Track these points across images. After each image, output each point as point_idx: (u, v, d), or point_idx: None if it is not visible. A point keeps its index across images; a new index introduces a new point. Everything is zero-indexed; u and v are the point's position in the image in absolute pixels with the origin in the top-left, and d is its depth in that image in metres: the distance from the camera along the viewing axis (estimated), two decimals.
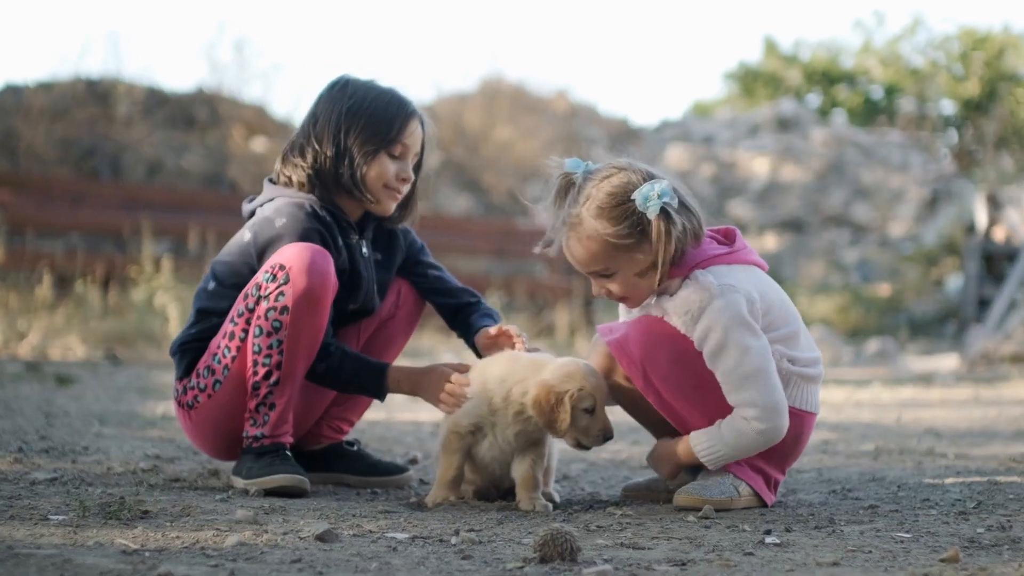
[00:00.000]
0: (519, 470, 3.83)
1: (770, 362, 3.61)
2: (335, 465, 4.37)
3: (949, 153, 26.84)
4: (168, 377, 8.80)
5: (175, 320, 10.58)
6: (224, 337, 4.00)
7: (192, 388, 4.07)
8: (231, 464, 4.36)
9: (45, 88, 16.97)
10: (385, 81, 4.14)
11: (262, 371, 3.91)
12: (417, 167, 4.23)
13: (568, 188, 3.73)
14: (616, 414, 3.92)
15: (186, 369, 4.11)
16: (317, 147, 4.06)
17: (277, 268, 3.90)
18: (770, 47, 32.50)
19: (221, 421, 4.05)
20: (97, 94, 17.21)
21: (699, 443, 3.70)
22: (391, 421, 6.30)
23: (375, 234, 4.28)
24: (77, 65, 17.55)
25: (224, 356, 4.00)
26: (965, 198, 20.25)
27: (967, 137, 27.90)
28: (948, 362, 12.71)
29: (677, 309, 3.66)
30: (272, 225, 4.00)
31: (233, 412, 4.02)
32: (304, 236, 3.96)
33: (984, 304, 15.77)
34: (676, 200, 3.61)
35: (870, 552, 3.10)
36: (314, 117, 4.10)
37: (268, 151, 17.52)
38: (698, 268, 3.66)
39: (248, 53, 21.98)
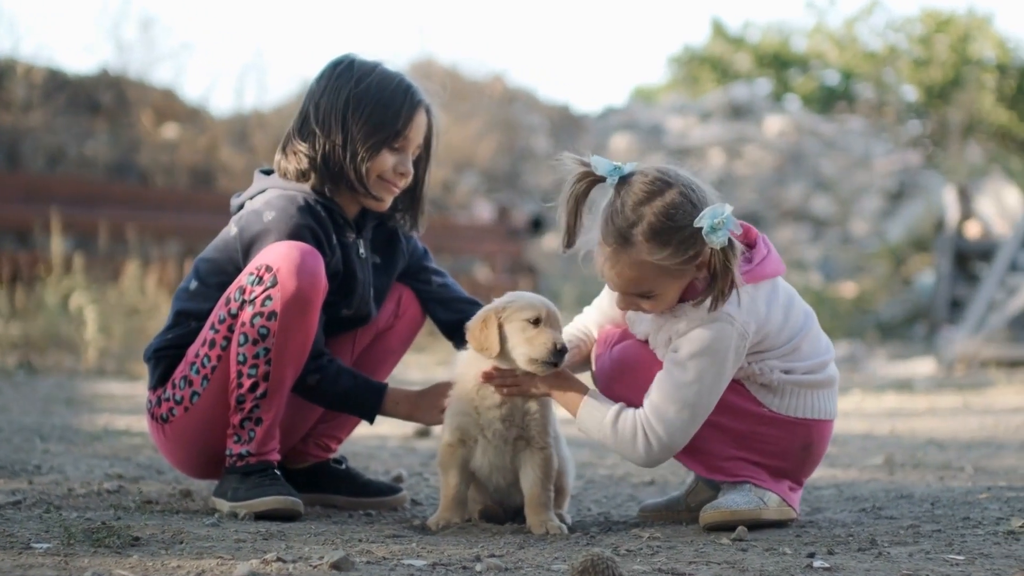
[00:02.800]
0: (525, 488, 3.80)
1: (708, 408, 3.66)
2: (323, 485, 4.31)
3: (913, 143, 27.10)
4: (93, 387, 8.70)
5: (93, 324, 10.42)
6: (204, 345, 3.93)
7: (167, 400, 4.00)
8: (204, 484, 4.30)
9: None
10: (392, 64, 4.07)
11: (247, 383, 3.85)
12: (425, 162, 4.17)
13: (589, 190, 3.68)
14: None
15: (160, 378, 4.03)
16: (322, 134, 3.99)
17: (263, 270, 3.83)
18: (717, 29, 32.71)
19: (199, 437, 3.98)
20: None
21: (586, 411, 3.72)
22: (354, 437, 6.22)
23: (374, 235, 4.21)
24: None
25: (203, 366, 3.93)
26: (933, 191, 20.44)
27: (932, 126, 28.21)
28: (924, 367, 12.82)
29: (680, 321, 3.69)
30: (260, 219, 3.93)
31: (213, 427, 3.95)
32: (294, 233, 3.90)
33: (956, 305, 15.91)
34: (739, 227, 3.62)
35: None
36: (315, 100, 4.02)
37: (180, 138, 17.34)
38: None
39: (156, 32, 21.62)
